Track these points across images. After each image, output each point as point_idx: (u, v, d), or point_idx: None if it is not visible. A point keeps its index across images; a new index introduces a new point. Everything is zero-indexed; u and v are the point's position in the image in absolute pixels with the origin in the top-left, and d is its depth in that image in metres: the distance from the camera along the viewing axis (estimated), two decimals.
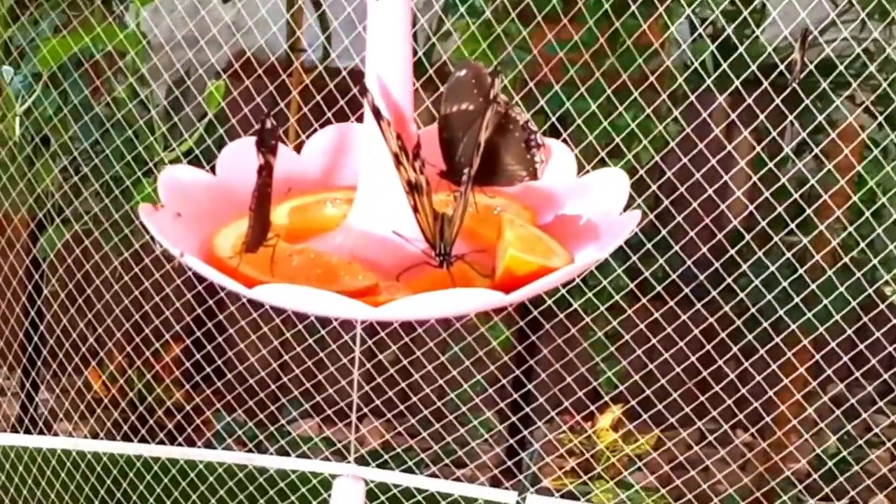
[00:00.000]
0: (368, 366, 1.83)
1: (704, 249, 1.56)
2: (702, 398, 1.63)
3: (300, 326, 1.86)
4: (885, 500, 1.74)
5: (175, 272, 1.70)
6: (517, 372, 1.86)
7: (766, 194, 1.56)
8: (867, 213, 1.56)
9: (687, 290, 1.59)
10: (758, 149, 1.59)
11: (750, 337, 1.56)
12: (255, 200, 0.66)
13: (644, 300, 1.64)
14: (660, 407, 1.63)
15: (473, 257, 0.66)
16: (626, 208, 0.67)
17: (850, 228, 1.56)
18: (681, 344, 1.60)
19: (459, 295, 0.59)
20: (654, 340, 1.62)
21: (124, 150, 1.54)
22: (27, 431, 2.05)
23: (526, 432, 1.77)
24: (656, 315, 1.62)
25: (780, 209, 1.55)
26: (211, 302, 1.89)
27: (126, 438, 1.96)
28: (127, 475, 1.89)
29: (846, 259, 1.56)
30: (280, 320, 1.90)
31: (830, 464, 1.62)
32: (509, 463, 1.81)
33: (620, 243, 0.63)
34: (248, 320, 1.88)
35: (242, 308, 1.91)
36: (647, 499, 1.55)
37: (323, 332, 1.83)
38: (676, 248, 1.58)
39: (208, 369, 1.91)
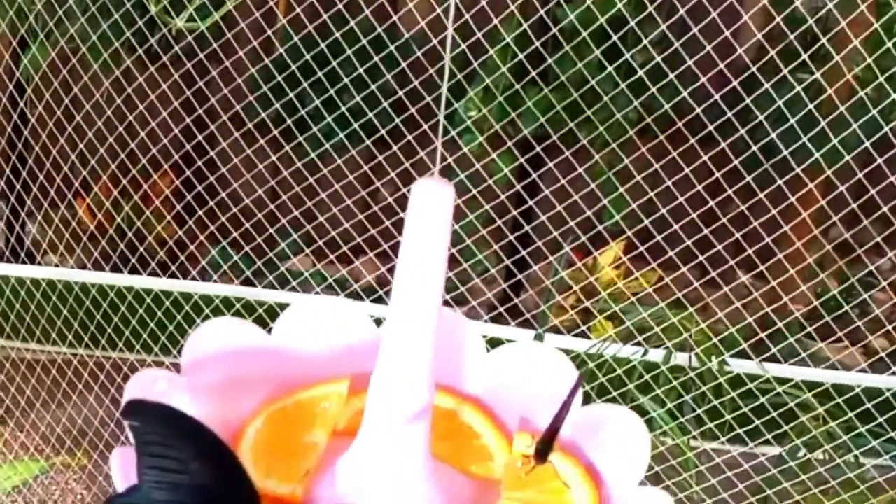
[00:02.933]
0: (364, 193, 1.62)
1: (735, 81, 1.36)
2: (712, 238, 1.45)
3: (298, 164, 1.64)
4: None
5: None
6: (520, 207, 1.65)
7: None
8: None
9: (712, 126, 1.39)
10: None
11: (780, 177, 1.37)
12: None
13: (661, 137, 1.44)
14: (667, 249, 1.45)
15: None
16: None
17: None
18: (699, 186, 1.41)
19: None
20: (668, 182, 1.43)
21: None
22: (19, 261, 1.85)
23: (533, 263, 1.58)
24: (674, 153, 1.43)
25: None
26: (201, 137, 1.68)
27: (115, 270, 1.76)
28: (105, 304, 1.70)
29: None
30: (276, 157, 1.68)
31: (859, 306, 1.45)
32: (513, 297, 1.63)
33: None
34: (243, 157, 1.66)
35: (235, 142, 1.69)
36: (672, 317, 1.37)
37: (323, 168, 1.61)
38: (706, 78, 1.37)
39: (200, 209, 1.70)
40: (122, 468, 0.53)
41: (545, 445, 0.59)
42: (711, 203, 1.43)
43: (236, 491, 0.54)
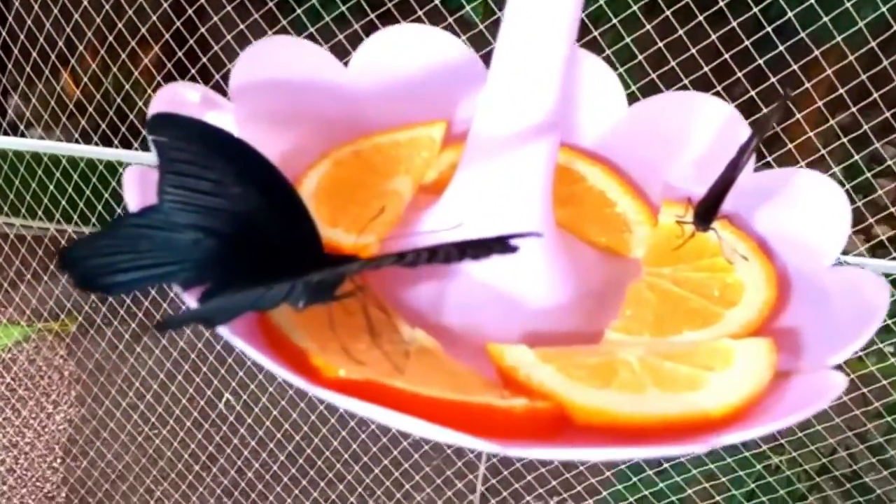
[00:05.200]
0: None
1: None
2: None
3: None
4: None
5: None
6: None
7: None
8: None
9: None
10: None
11: (792, 58, 1.20)
12: None
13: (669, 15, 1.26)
14: None
15: None
16: None
17: None
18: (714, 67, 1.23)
19: None
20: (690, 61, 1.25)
21: None
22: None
23: None
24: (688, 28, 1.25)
25: None
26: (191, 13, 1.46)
27: (102, 143, 1.54)
28: (95, 178, 1.49)
29: None
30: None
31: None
32: None
33: None
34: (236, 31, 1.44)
35: (226, 15, 1.47)
36: None
37: (322, 43, 1.40)
38: None
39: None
40: (139, 187, 0.33)
41: (709, 209, 0.41)
42: (728, 59, 1.26)
43: (291, 226, 0.34)
